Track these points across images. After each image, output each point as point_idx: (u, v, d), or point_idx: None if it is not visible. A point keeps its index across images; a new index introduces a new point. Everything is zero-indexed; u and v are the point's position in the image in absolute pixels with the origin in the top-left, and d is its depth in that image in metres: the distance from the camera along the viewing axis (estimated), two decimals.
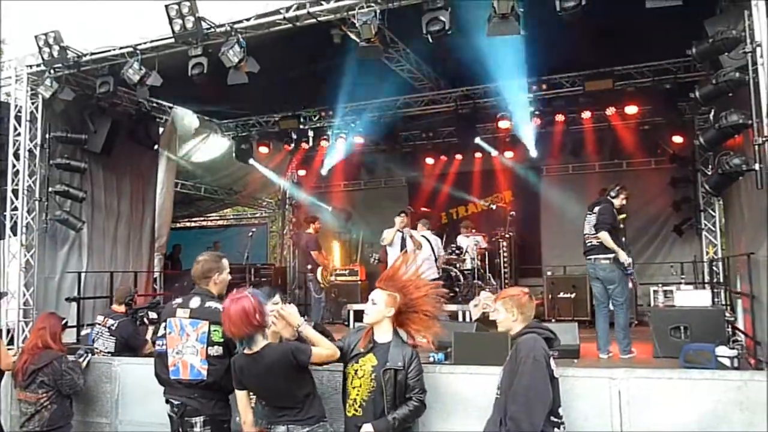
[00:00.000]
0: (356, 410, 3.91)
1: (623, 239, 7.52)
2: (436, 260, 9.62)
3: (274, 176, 13.80)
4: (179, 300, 4.47)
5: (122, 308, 6.44)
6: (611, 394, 4.18)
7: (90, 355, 5.69)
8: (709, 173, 8.46)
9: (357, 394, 3.92)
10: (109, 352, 6.08)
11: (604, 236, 6.63)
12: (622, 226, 7.67)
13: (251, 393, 3.98)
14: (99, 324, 6.41)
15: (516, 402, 3.46)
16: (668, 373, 4.16)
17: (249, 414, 3.93)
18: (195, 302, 4.38)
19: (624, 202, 7.13)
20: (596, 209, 6.94)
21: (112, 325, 6.22)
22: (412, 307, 4.03)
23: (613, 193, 7.06)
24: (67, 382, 5.04)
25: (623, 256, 6.62)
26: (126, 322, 6.25)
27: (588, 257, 6.94)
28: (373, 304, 4.01)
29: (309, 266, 9.83)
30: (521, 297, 3.88)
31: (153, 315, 5.94)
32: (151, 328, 6.03)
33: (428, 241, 9.53)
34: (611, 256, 6.67)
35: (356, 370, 3.97)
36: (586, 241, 7.00)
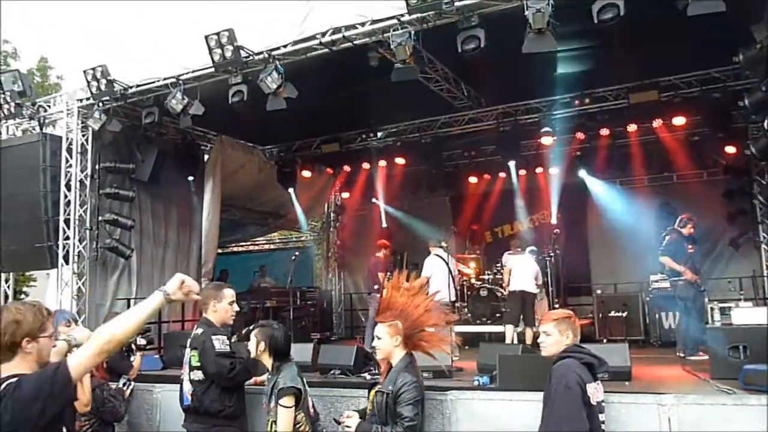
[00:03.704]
0: None
1: (696, 264, 8.27)
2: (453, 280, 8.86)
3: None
4: None
5: None
6: (661, 421, 3.95)
7: (132, 383, 5.75)
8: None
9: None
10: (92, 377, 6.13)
11: (665, 260, 7.82)
12: (691, 251, 8.28)
13: None
14: None
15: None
16: (721, 399, 3.90)
17: None
18: (195, 331, 4.51)
19: (692, 230, 8.11)
20: (667, 238, 7.99)
21: None
22: (417, 328, 4.01)
23: (681, 224, 8.06)
24: (109, 410, 5.06)
25: (689, 275, 7.69)
26: None
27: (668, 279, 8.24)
28: (379, 340, 4.00)
29: (375, 286, 9.85)
30: (574, 320, 3.74)
31: (141, 341, 5.96)
32: (138, 354, 6.07)
33: (442, 260, 8.89)
34: (684, 277, 7.73)
35: (370, 397, 4.08)
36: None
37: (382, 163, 12.44)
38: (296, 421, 3.99)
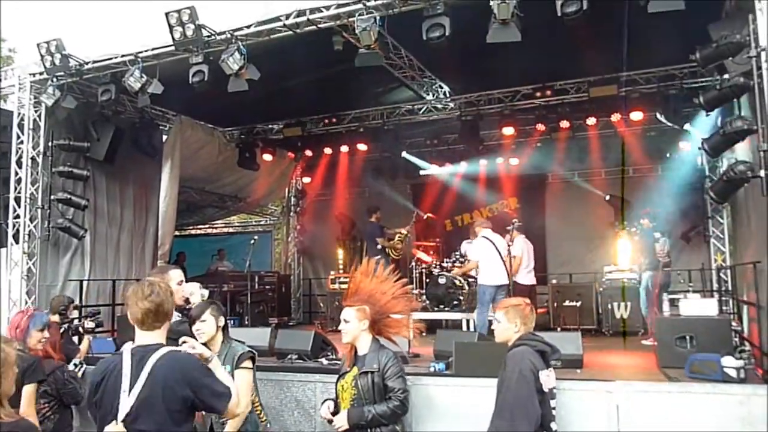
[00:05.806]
0: None
1: None
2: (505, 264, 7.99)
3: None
4: None
5: (56, 317, 6.38)
6: (609, 408, 4.07)
7: (84, 366, 5.63)
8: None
9: (344, 406, 4.00)
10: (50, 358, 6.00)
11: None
12: None
13: None
14: None
15: (501, 417, 3.39)
16: (667, 387, 4.05)
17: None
18: None
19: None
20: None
21: None
22: (384, 314, 4.08)
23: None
24: (70, 392, 4.95)
25: None
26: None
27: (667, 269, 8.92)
28: (346, 323, 4.03)
29: (377, 248, 10.09)
30: (524, 308, 3.81)
31: (90, 324, 5.88)
32: (87, 338, 5.98)
33: (491, 242, 8.31)
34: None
35: (342, 386, 4.06)
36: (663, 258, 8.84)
37: (344, 148, 12.37)
38: None
